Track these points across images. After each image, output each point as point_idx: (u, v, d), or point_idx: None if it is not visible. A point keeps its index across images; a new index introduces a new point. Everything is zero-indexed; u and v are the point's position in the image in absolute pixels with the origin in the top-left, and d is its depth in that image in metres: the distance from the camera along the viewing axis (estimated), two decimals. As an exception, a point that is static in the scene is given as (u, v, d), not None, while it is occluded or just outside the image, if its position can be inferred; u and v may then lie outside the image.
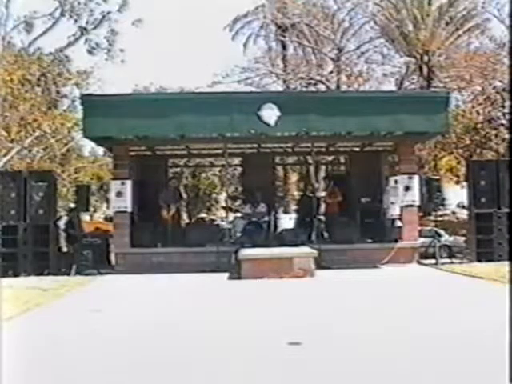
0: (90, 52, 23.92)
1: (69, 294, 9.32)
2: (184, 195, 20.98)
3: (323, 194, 17.29)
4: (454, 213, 25.01)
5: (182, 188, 21.58)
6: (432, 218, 16.25)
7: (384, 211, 14.60)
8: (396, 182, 13.39)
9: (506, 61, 21.22)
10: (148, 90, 28.26)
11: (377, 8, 25.89)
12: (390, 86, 26.16)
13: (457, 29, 24.96)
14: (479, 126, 22.09)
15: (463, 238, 15.18)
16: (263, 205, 13.88)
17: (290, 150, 16.38)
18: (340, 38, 27.09)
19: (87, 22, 23.49)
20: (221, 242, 12.76)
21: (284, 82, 27.21)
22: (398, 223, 13.32)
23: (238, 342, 5.54)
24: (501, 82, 21.74)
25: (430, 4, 24.59)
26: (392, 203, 14.20)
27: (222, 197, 33.42)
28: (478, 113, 22.23)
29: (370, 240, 13.23)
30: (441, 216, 17.76)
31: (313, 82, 26.61)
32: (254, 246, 11.87)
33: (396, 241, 12.71)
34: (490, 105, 22.01)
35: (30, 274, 11.73)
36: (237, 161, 17.91)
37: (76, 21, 23.36)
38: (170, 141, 13.52)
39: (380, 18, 25.64)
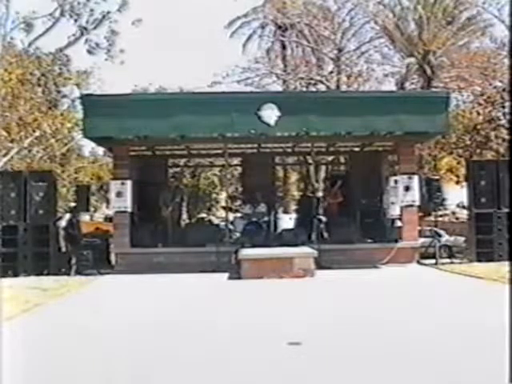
0: (89, 52, 23.85)
1: (69, 293, 9.33)
2: (185, 196, 20.99)
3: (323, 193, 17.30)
4: (453, 213, 24.99)
5: (182, 187, 21.56)
6: (432, 217, 16.22)
7: (384, 211, 14.60)
8: (396, 182, 13.40)
9: (506, 61, 21.22)
10: (147, 90, 28.22)
11: (377, 8, 25.85)
12: (390, 86, 26.14)
13: (458, 29, 24.94)
14: (479, 126, 22.05)
15: (463, 238, 15.17)
16: (263, 205, 13.89)
17: (290, 150, 16.39)
18: (340, 38, 27.07)
19: (87, 22, 23.42)
20: (221, 242, 12.76)
21: (284, 82, 27.21)
22: (398, 223, 13.33)
23: (238, 342, 5.55)
24: (501, 82, 21.72)
25: (436, 4, 24.54)
26: (392, 203, 14.21)
27: (222, 197, 33.41)
28: (479, 113, 22.18)
29: (370, 240, 13.23)
30: (441, 216, 17.73)
31: (313, 82, 26.60)
32: (254, 246, 11.88)
33: (396, 241, 12.72)
34: (491, 105, 21.97)
35: (29, 274, 11.73)
36: (237, 161, 17.91)
37: (76, 21, 23.29)
38: (170, 141, 13.51)
39: (381, 17, 25.59)
